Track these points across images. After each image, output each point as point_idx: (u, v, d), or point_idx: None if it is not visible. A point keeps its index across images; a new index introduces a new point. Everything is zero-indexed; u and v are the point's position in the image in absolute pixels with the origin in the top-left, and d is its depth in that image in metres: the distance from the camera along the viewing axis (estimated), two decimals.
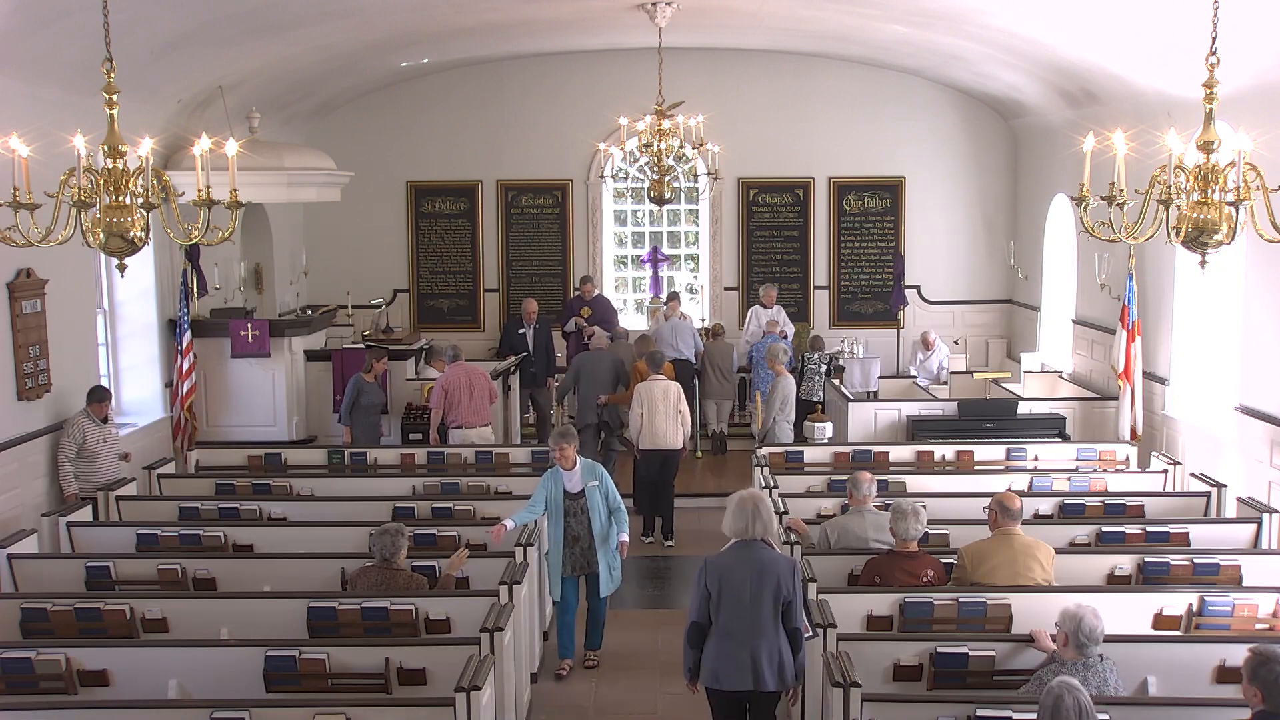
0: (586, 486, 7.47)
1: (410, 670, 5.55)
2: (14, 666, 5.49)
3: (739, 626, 5.36)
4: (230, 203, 5.04)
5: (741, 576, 5.35)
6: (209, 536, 7.63)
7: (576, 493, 7.47)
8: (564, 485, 7.47)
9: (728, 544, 5.51)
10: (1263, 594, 6.23)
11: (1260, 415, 8.69)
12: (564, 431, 7.53)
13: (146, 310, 10.71)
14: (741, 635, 5.36)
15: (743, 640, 5.35)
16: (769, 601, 5.33)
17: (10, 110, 7.69)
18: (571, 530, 7.49)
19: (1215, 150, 4.61)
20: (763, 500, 5.49)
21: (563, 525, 7.47)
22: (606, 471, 7.74)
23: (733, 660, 5.37)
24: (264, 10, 8.96)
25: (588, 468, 7.56)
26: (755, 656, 5.34)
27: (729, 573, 5.38)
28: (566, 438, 7.46)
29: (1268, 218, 4.49)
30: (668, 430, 10.04)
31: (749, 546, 5.42)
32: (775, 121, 15.03)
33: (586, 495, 7.47)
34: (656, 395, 10.00)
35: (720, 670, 5.40)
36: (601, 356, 11.27)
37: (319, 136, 14.41)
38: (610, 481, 7.61)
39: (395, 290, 15.45)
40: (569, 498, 7.48)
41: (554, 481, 7.51)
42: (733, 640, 5.37)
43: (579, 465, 7.49)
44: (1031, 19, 9.77)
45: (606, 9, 11.19)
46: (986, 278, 15.37)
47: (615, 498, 7.55)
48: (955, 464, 9.62)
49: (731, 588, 5.36)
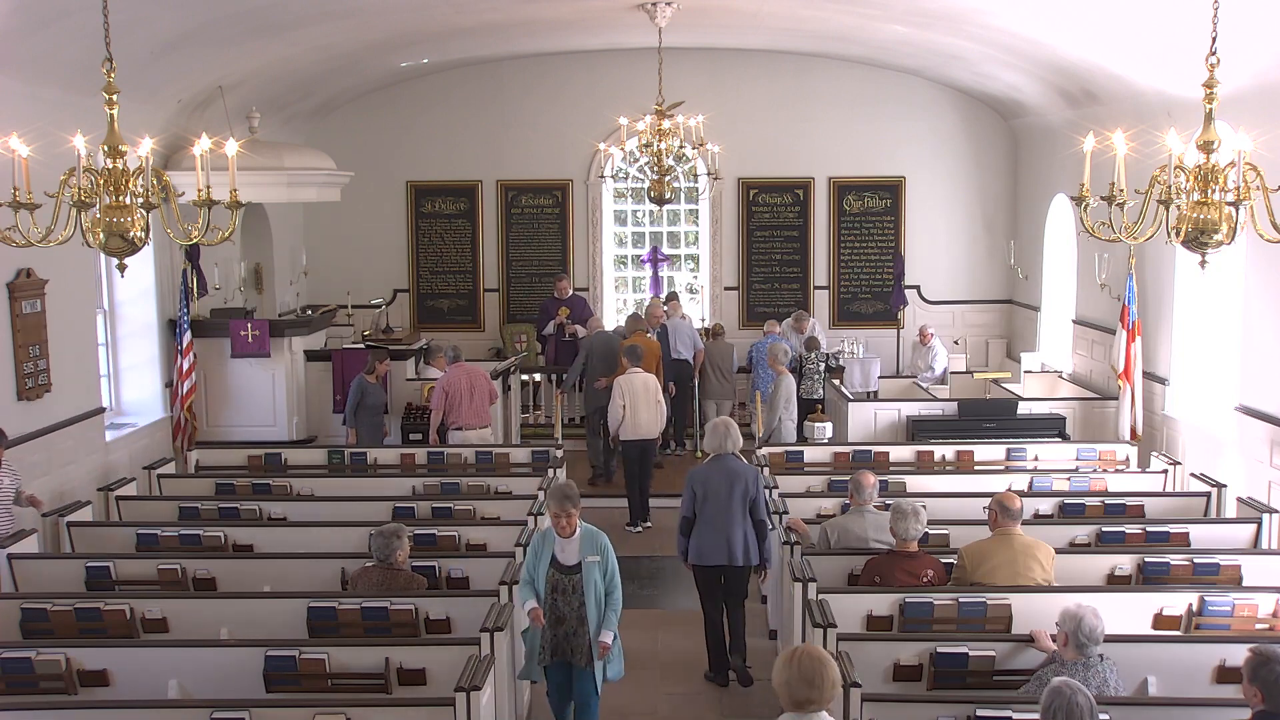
0: (584, 560, 6.05)
1: (410, 670, 5.55)
2: (14, 666, 5.49)
3: (716, 518, 7.09)
4: (230, 203, 5.03)
5: (717, 481, 7.11)
6: (209, 536, 7.62)
7: (571, 565, 6.06)
8: (556, 554, 6.09)
9: (708, 458, 7.27)
10: (1263, 594, 6.23)
11: (1260, 415, 8.69)
12: (567, 492, 6.08)
13: (146, 310, 10.71)
14: (718, 524, 7.09)
15: (720, 528, 7.09)
16: (739, 499, 7.08)
17: (10, 110, 7.69)
18: (557, 610, 6.06)
19: (1215, 150, 4.60)
20: (731, 424, 7.30)
21: (545, 604, 6.06)
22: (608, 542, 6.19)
23: (712, 543, 7.12)
24: (264, 10, 8.95)
25: (589, 537, 6.12)
26: (730, 540, 7.09)
27: (708, 479, 7.15)
28: (572, 500, 6.04)
29: (1268, 218, 4.49)
30: (649, 420, 10.43)
31: (722, 459, 7.18)
32: (775, 121, 15.04)
33: (583, 571, 6.05)
34: (638, 387, 10.36)
35: (703, 550, 7.16)
36: (608, 338, 11.78)
37: (319, 136, 14.42)
38: (614, 557, 6.17)
39: (395, 290, 15.45)
40: (560, 570, 6.06)
41: (545, 546, 6.13)
42: (712, 528, 7.10)
43: (579, 532, 6.11)
44: (1031, 19, 9.77)
45: (606, 9, 11.18)
46: (986, 278, 15.38)
47: (615, 577, 6.13)
48: (955, 464, 9.61)
49: (710, 489, 7.10)
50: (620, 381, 10.40)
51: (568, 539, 6.08)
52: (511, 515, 8.02)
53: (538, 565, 6.09)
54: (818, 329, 13.91)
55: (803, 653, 3.84)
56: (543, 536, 6.20)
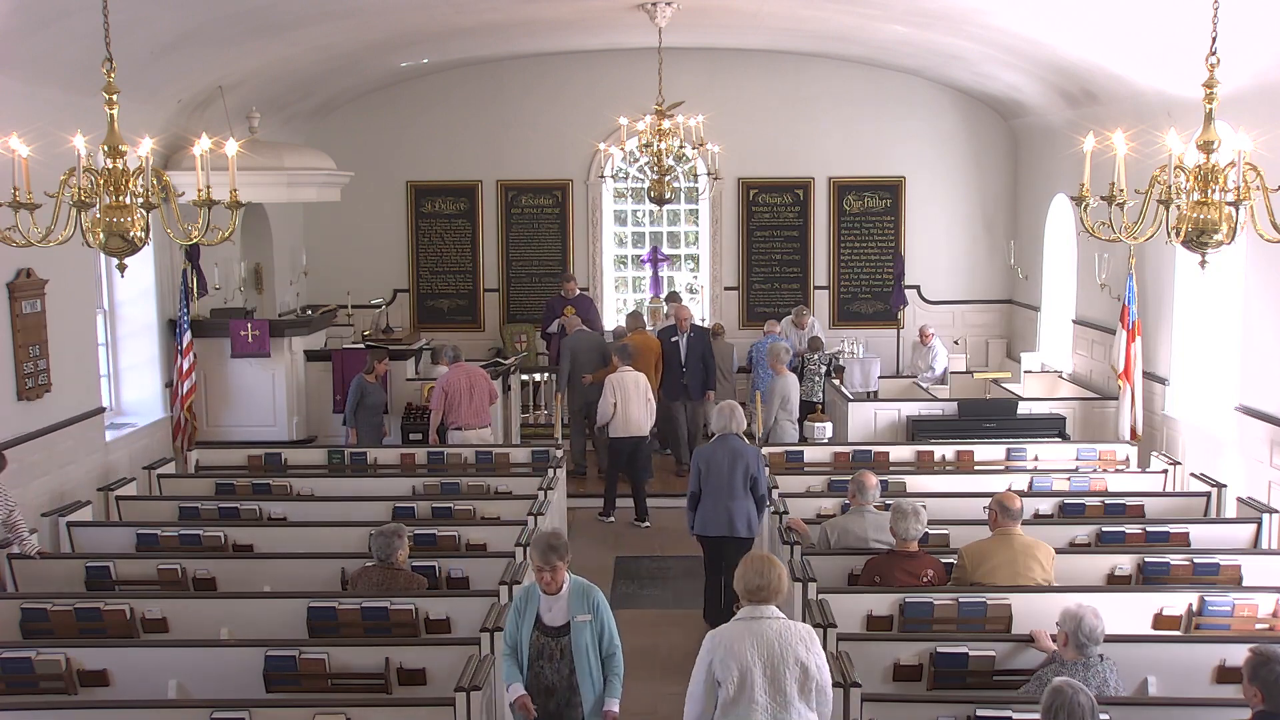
0: (574, 620, 5.23)
1: (410, 670, 5.55)
2: (14, 666, 5.49)
3: (718, 492, 7.73)
4: (230, 203, 5.03)
5: (720, 459, 7.74)
6: (209, 536, 7.63)
7: (558, 627, 5.26)
8: (541, 614, 5.28)
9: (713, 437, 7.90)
10: (1263, 594, 6.23)
11: (1260, 415, 8.69)
12: (552, 542, 5.28)
13: (146, 310, 10.70)
14: (721, 498, 7.73)
15: (721, 501, 7.72)
16: (740, 476, 7.71)
17: (10, 110, 7.68)
18: (544, 679, 5.26)
19: (1215, 150, 4.60)
20: (736, 407, 7.93)
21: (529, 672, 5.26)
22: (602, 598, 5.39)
23: (714, 515, 7.75)
24: (264, 10, 8.95)
25: (579, 593, 5.30)
26: (731, 513, 7.72)
27: (712, 456, 7.78)
28: (558, 550, 5.24)
29: (1268, 218, 4.49)
30: (640, 418, 10.62)
31: (726, 438, 7.82)
32: (775, 121, 15.03)
33: (572, 633, 5.23)
34: (629, 385, 10.56)
35: (707, 521, 7.81)
36: (589, 336, 12.00)
37: (319, 136, 14.41)
38: (609, 614, 5.34)
39: (395, 290, 15.45)
40: (545, 633, 5.26)
41: (529, 606, 5.30)
42: (716, 502, 7.74)
43: (567, 586, 5.30)
44: (1031, 19, 9.77)
45: (606, 9, 11.18)
46: (986, 278, 15.37)
47: (614, 639, 5.32)
48: (955, 464, 9.62)
49: (714, 466, 7.74)
50: (612, 379, 10.61)
51: (554, 595, 5.27)
52: (511, 515, 8.03)
53: (521, 629, 5.27)
54: (817, 327, 13.91)
55: (755, 557, 4.82)
56: (526, 594, 5.37)
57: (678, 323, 12.02)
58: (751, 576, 4.63)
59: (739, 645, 4.55)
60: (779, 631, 4.55)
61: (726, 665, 4.53)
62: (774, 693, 4.48)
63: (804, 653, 4.53)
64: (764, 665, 4.49)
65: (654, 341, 11.88)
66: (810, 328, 13.56)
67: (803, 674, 4.51)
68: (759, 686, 4.48)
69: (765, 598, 4.61)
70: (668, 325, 12.36)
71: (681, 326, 11.97)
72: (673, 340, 11.98)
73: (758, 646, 4.52)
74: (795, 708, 4.49)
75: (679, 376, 11.88)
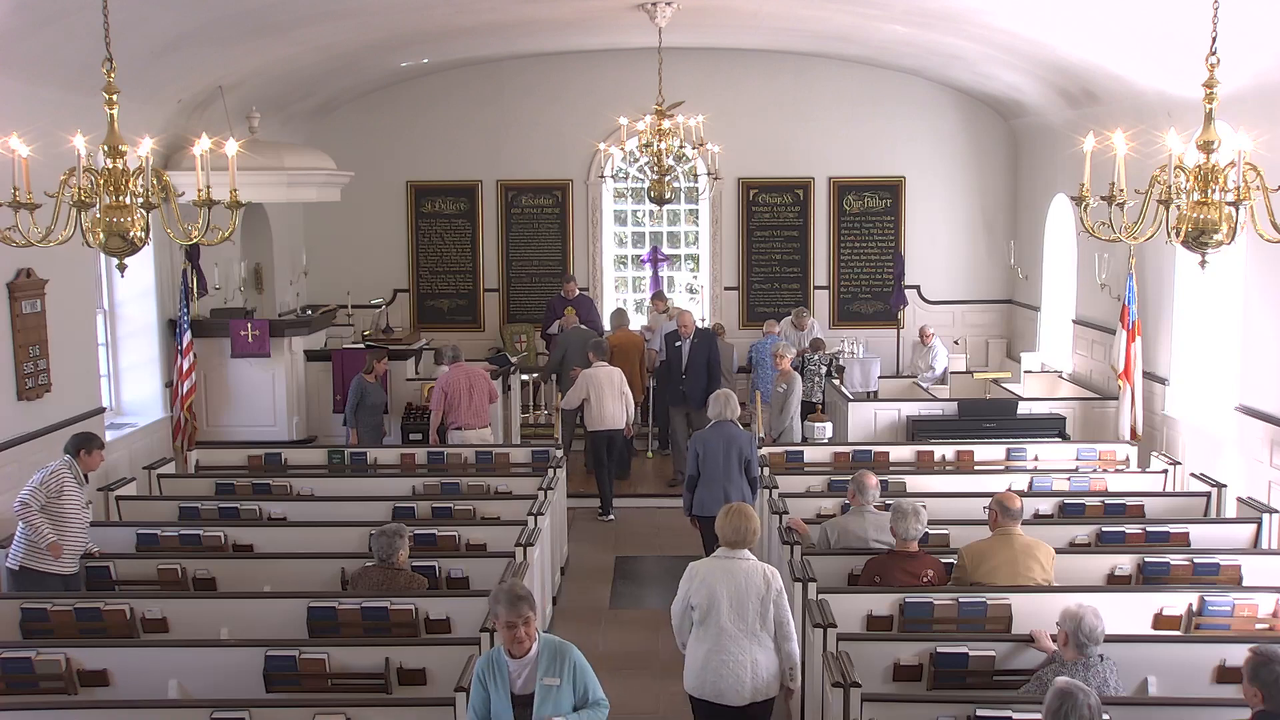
0: (540, 684, 4.54)
1: (410, 670, 5.54)
2: (14, 666, 5.49)
3: (716, 475, 8.18)
4: (230, 203, 5.03)
5: (716, 443, 8.22)
6: (209, 536, 7.62)
7: (524, 695, 4.56)
8: (508, 683, 4.57)
9: (709, 423, 8.37)
10: (1263, 594, 6.23)
11: (1260, 415, 8.69)
12: (519, 592, 4.59)
13: (146, 310, 10.70)
14: (718, 480, 8.16)
15: (718, 483, 8.14)
16: (735, 459, 8.19)
17: (10, 110, 7.69)
18: None
19: (1215, 150, 4.60)
20: (731, 395, 8.44)
21: None
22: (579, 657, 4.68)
23: (710, 496, 8.09)
24: (264, 10, 8.95)
25: (549, 652, 4.60)
26: (727, 493, 8.01)
27: (709, 441, 8.26)
28: (528, 600, 4.58)
29: (1268, 218, 4.49)
30: (615, 412, 10.87)
31: (722, 424, 8.29)
32: (775, 121, 15.03)
33: (536, 700, 4.52)
34: (602, 380, 10.82)
35: (704, 502, 8.17)
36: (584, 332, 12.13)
37: (319, 136, 14.41)
38: (588, 672, 4.66)
39: (395, 290, 15.45)
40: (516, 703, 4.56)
41: (499, 677, 4.58)
42: (712, 483, 8.17)
43: (537, 646, 4.59)
44: (1031, 19, 9.77)
45: (606, 9, 11.18)
46: (986, 278, 15.37)
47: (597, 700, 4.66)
48: (955, 464, 9.61)
49: (710, 452, 8.22)
50: (585, 375, 10.89)
51: (522, 658, 4.55)
52: (511, 515, 8.02)
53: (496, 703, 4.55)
54: (817, 328, 13.91)
55: (735, 509, 5.62)
56: (488, 663, 4.62)
57: (680, 327, 11.75)
58: (729, 528, 5.55)
59: (712, 579, 5.47)
60: (746, 571, 5.46)
61: (699, 593, 5.46)
62: (738, 620, 5.41)
63: (765, 590, 5.42)
64: (730, 598, 5.41)
65: (636, 338, 12.09)
66: (810, 329, 13.56)
67: (762, 607, 5.41)
68: (725, 613, 5.40)
69: (739, 543, 5.53)
70: (671, 329, 12.03)
71: (684, 331, 11.71)
72: (676, 345, 11.73)
73: (727, 582, 5.43)
74: (755, 634, 5.42)
75: (678, 382, 11.64)
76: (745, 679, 5.38)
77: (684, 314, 12.01)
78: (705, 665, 5.45)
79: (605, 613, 8.78)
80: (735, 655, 5.39)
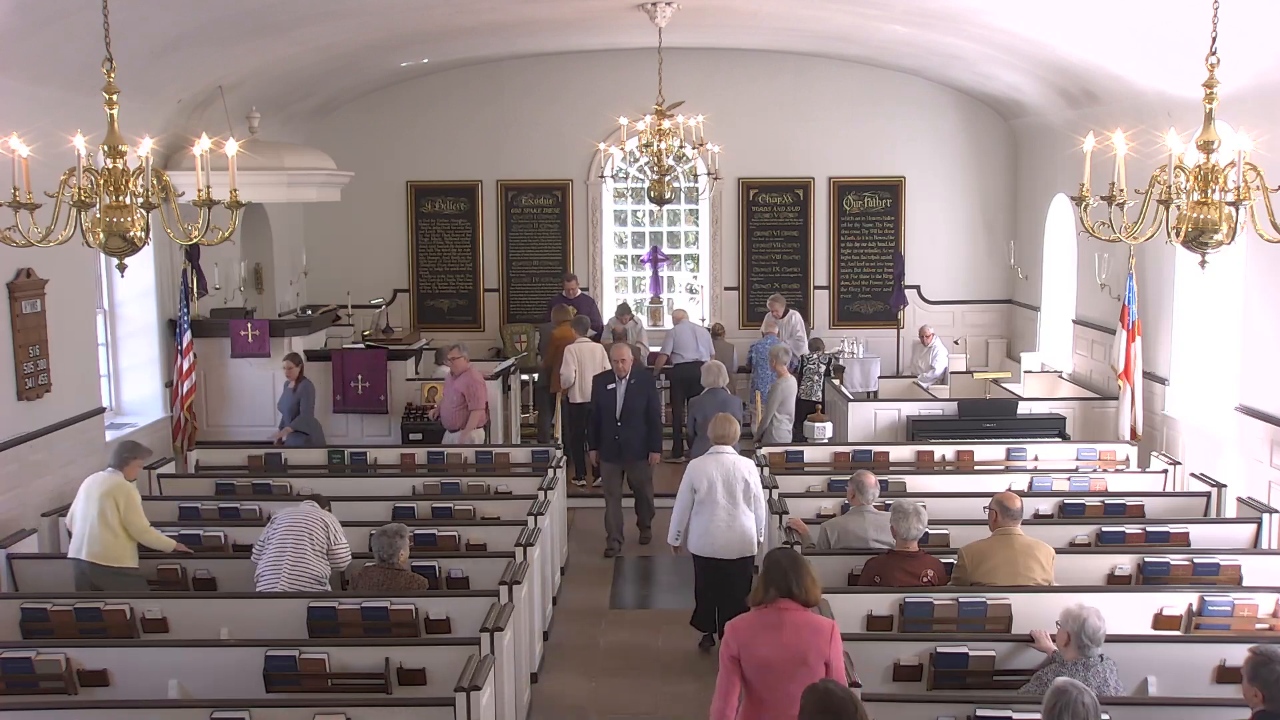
0: None
1: (410, 670, 5.55)
2: (14, 666, 5.49)
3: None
4: (230, 203, 5.03)
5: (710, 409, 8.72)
6: (209, 536, 7.63)
7: None
8: None
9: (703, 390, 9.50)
10: (1263, 594, 6.23)
11: (1260, 415, 8.69)
12: None
13: (146, 310, 10.70)
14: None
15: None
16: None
17: (10, 110, 7.68)
18: None
19: (1215, 150, 4.60)
20: (721, 366, 9.63)
21: None
22: None
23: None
24: (264, 10, 8.95)
25: None
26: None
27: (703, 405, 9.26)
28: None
29: (1268, 218, 4.48)
30: None
31: (715, 391, 9.34)
32: (775, 121, 15.03)
33: None
34: (584, 355, 11.39)
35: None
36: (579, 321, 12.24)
37: (319, 136, 14.41)
38: None
39: (395, 290, 15.45)
40: None
41: None
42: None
43: None
44: (1031, 19, 9.77)
45: (606, 9, 11.18)
46: (986, 278, 15.37)
47: None
48: (955, 464, 9.61)
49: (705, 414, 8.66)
50: (570, 349, 11.37)
51: None
52: (511, 515, 8.02)
53: None
54: (797, 319, 13.66)
55: (721, 419, 7.59)
56: None
57: (616, 363, 9.70)
58: (718, 431, 7.55)
59: (708, 466, 7.43)
60: (733, 461, 7.45)
61: (699, 478, 7.39)
62: (728, 497, 7.35)
63: (747, 474, 7.43)
64: (722, 480, 7.36)
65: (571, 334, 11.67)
66: (789, 319, 13.39)
67: (745, 488, 7.38)
68: (719, 491, 7.35)
69: (725, 440, 7.50)
70: (603, 371, 10.28)
71: (620, 369, 9.65)
72: (609, 388, 9.69)
73: (719, 469, 7.41)
74: (741, 507, 7.37)
75: (613, 432, 9.64)
76: (735, 537, 7.38)
77: (619, 348, 9.96)
78: (706, 530, 7.40)
79: (605, 613, 8.78)
80: (727, 521, 7.36)
